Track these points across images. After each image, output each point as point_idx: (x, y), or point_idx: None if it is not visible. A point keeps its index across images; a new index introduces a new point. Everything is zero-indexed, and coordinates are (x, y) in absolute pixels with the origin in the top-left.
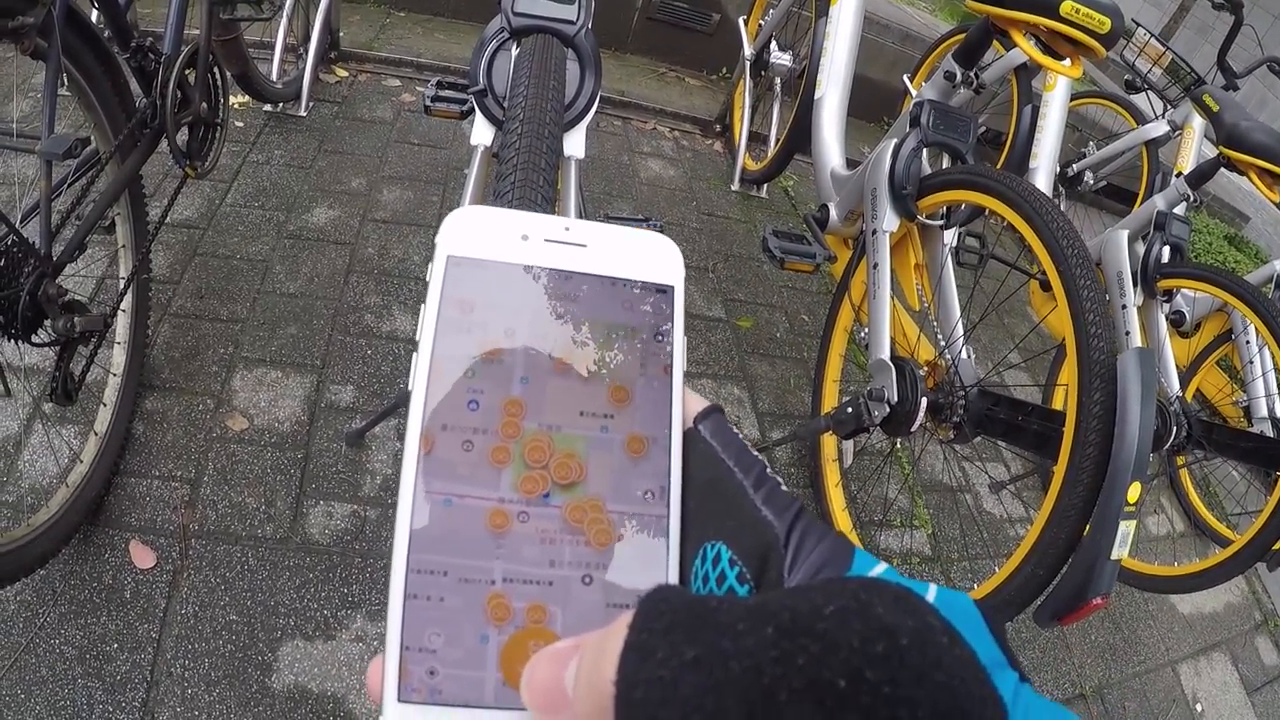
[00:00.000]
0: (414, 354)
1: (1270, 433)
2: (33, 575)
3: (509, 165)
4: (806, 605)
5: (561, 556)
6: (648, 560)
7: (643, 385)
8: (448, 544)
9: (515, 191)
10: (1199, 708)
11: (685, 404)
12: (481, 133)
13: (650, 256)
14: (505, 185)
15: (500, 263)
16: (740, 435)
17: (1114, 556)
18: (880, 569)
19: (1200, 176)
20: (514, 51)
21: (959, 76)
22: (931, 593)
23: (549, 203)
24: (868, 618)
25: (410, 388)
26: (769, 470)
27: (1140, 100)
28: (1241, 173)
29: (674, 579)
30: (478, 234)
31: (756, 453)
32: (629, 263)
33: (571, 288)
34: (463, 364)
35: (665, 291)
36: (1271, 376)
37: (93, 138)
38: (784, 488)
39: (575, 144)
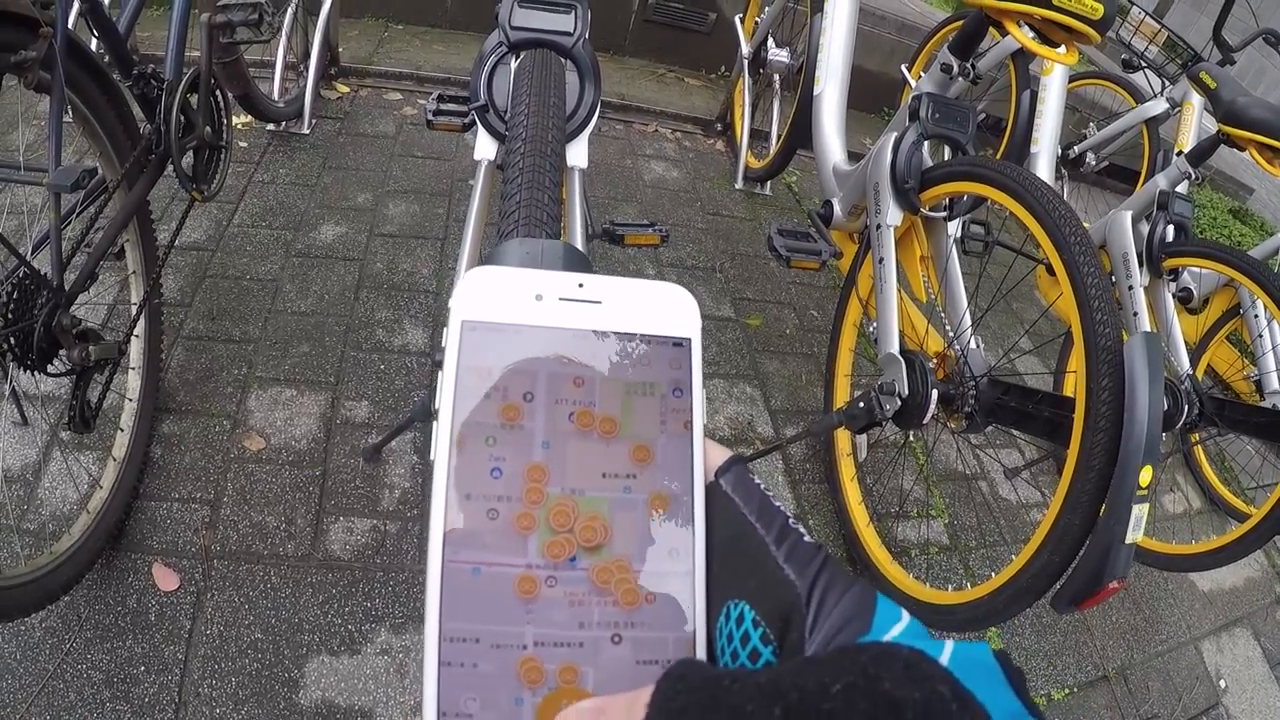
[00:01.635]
0: (434, 423)
1: None
2: (58, 602)
3: (514, 184)
4: (814, 684)
5: (590, 618)
6: (675, 616)
7: (663, 443)
8: (478, 611)
9: (521, 211)
10: (1223, 684)
11: (706, 457)
12: (485, 147)
13: (666, 309)
14: (511, 204)
15: (516, 325)
16: (761, 485)
17: (1129, 540)
18: (903, 624)
19: (1201, 154)
20: (513, 65)
21: (955, 68)
22: (947, 652)
23: (555, 220)
24: (874, 694)
25: (432, 457)
26: (791, 522)
27: (1138, 79)
28: (1241, 149)
29: (701, 634)
30: (492, 296)
31: (778, 504)
32: (645, 317)
33: (588, 347)
34: (483, 431)
35: (682, 345)
36: None
37: (99, 166)
38: (807, 539)
39: (578, 154)
